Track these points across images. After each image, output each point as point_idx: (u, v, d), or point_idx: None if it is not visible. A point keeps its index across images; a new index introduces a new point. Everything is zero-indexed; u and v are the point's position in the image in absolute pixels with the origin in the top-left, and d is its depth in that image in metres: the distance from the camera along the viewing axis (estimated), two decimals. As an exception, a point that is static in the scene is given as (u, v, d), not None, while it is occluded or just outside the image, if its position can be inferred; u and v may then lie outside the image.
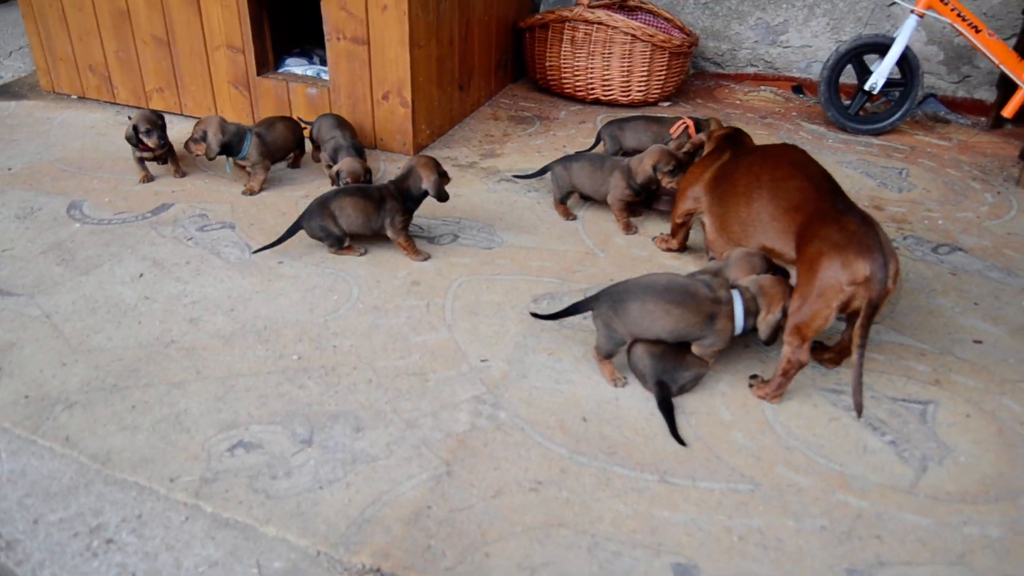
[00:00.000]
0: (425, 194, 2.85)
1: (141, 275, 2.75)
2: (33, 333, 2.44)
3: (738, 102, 4.68)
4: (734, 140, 2.81)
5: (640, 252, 2.95)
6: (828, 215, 2.20)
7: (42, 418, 2.11)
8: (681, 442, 2.06)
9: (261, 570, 1.71)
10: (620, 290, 2.23)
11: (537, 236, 3.06)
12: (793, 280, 2.23)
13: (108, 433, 2.06)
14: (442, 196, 2.85)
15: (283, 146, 3.45)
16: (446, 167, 3.18)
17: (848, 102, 4.33)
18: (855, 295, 2.06)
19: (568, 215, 3.22)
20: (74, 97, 4.42)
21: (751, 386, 2.27)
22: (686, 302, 2.17)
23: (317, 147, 3.53)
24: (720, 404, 2.21)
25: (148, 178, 3.49)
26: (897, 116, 4.22)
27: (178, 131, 4.00)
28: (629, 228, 3.13)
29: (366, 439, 2.06)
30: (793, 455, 2.04)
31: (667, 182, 3.02)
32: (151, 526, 1.82)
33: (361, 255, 2.90)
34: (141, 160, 3.49)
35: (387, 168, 3.63)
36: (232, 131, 3.27)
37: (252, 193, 3.36)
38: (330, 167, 3.29)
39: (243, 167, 3.36)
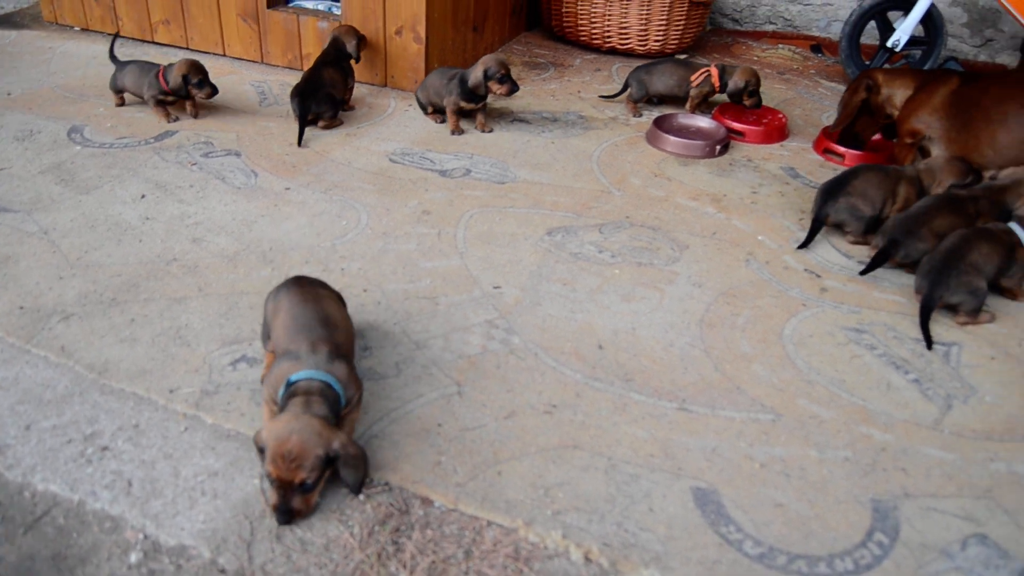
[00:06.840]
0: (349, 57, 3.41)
1: (143, 196, 2.66)
2: (30, 248, 2.36)
3: (755, 59, 4.57)
4: (953, 72, 2.98)
5: (656, 192, 2.86)
6: None
7: (37, 328, 2.03)
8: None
9: (263, 481, 1.64)
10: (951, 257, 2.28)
11: (551, 173, 2.96)
12: None
13: (105, 345, 1.99)
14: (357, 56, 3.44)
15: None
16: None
17: (868, 62, 4.23)
18: None
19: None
20: (76, 29, 4.30)
21: None
22: (995, 240, 2.32)
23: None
24: (740, 337, 2.13)
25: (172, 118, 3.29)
26: (918, 76, 4.12)
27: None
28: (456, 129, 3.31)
29: (374, 358, 1.98)
30: (815, 388, 1.97)
31: (497, 89, 3.18)
32: (149, 435, 1.74)
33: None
34: (163, 103, 3.27)
35: (396, 104, 3.53)
36: None
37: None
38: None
39: None
